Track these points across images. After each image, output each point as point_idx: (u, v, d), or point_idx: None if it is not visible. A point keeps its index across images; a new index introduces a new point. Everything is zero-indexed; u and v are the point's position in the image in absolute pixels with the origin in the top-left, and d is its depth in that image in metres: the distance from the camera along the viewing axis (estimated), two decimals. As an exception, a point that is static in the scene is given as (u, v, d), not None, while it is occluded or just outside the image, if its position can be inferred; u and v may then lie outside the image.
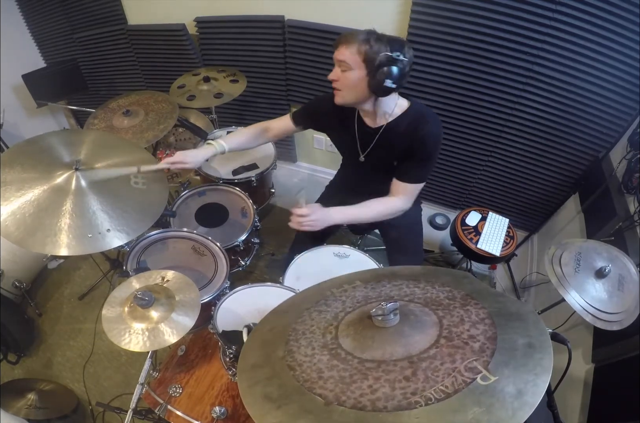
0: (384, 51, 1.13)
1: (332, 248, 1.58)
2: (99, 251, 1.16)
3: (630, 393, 1.13)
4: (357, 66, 1.16)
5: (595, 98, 1.66)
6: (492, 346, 0.59)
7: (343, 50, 1.16)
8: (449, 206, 2.43)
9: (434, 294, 0.76)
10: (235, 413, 1.21)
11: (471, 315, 0.67)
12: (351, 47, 1.14)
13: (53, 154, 1.25)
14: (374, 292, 0.81)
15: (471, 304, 0.71)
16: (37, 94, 2.37)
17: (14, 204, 1.10)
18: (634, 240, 1.39)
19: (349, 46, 1.14)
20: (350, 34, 1.15)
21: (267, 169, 1.97)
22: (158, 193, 1.31)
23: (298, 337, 0.72)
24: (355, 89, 1.21)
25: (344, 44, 1.15)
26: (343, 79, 1.20)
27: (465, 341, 0.61)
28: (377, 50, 1.13)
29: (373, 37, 1.13)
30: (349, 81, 1.19)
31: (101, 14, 2.34)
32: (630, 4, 1.40)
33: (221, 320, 1.26)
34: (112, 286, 2.21)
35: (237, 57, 2.18)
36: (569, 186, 1.99)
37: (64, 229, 1.11)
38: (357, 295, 0.82)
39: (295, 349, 0.69)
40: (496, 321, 0.65)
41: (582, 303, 1.14)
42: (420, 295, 0.76)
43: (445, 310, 0.70)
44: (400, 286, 0.82)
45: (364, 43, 1.13)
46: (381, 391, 0.56)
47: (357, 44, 1.13)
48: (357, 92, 1.22)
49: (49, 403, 1.71)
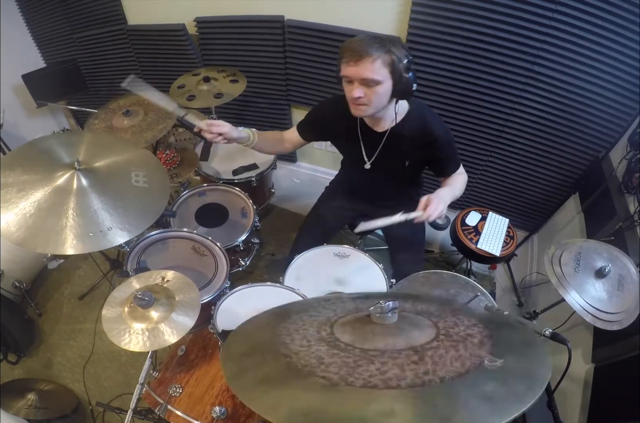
0: (404, 57, 1.08)
1: (332, 248, 1.58)
2: (102, 249, 1.16)
3: (630, 393, 1.13)
4: (386, 78, 1.09)
5: (595, 98, 1.66)
6: (491, 341, 0.60)
7: (368, 66, 1.05)
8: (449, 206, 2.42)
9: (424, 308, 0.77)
10: (236, 413, 1.21)
11: (464, 320, 0.68)
12: (377, 62, 1.05)
13: (53, 156, 1.25)
14: (365, 304, 0.80)
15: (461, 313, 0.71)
16: (37, 94, 2.37)
17: (15, 206, 1.11)
18: (634, 240, 1.39)
19: (374, 61, 1.05)
20: (363, 46, 1.05)
21: (267, 169, 1.97)
22: (159, 190, 1.31)
23: (290, 332, 0.68)
24: (383, 101, 1.16)
25: (366, 59, 1.04)
26: (373, 95, 1.12)
27: (464, 337, 0.61)
28: (400, 57, 1.07)
29: (390, 44, 1.06)
30: (380, 95, 1.12)
31: (101, 14, 2.34)
32: (630, 4, 1.40)
33: (221, 320, 1.26)
34: (112, 286, 2.21)
35: (237, 57, 2.18)
36: (569, 186, 1.99)
37: (66, 229, 1.11)
38: (348, 306, 0.81)
39: (289, 341, 0.65)
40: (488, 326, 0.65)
41: (582, 303, 1.14)
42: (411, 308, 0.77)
43: (438, 317, 0.70)
44: None
45: (387, 53, 1.05)
46: (391, 372, 0.52)
47: (382, 56, 1.05)
48: (383, 102, 1.17)
49: (49, 403, 1.71)
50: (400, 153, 1.34)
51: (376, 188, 1.56)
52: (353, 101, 1.15)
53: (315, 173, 2.68)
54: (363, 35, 1.09)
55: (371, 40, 1.06)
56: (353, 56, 1.06)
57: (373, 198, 1.65)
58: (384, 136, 1.32)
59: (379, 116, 1.27)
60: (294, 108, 2.39)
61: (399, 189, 1.59)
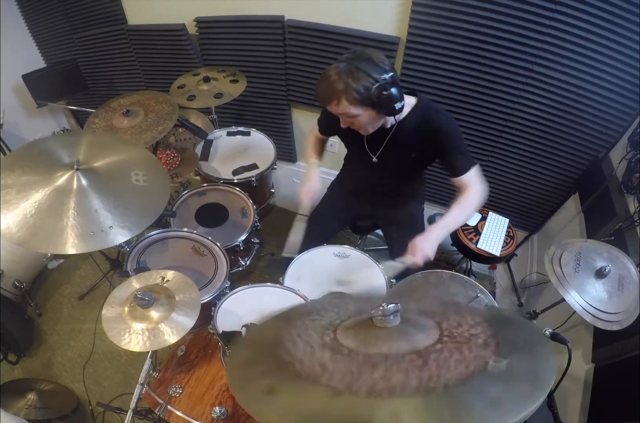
0: (371, 84, 1.06)
1: (332, 248, 1.58)
2: (103, 248, 1.17)
3: (630, 393, 1.13)
4: (361, 110, 1.13)
5: (595, 98, 1.66)
6: (495, 341, 0.59)
7: (338, 107, 1.11)
8: (449, 206, 2.42)
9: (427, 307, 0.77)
10: (235, 413, 1.21)
11: (467, 319, 0.67)
12: (342, 103, 1.09)
13: (52, 157, 1.25)
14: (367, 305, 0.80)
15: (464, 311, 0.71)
16: (37, 94, 2.37)
17: (16, 207, 1.10)
18: (634, 240, 1.39)
19: (339, 103, 1.10)
20: (327, 89, 1.08)
21: (267, 169, 1.97)
22: (159, 189, 1.31)
23: (293, 338, 0.69)
24: (373, 123, 1.22)
25: (332, 102, 1.10)
26: (356, 123, 1.19)
27: (468, 338, 0.61)
28: (365, 88, 1.06)
29: (349, 78, 1.05)
30: (363, 122, 1.19)
31: (101, 14, 2.34)
32: (630, 4, 1.40)
33: (221, 320, 1.26)
34: (112, 286, 2.22)
35: (237, 57, 2.18)
36: (569, 186, 1.99)
37: (66, 229, 1.11)
38: (350, 308, 0.80)
39: (292, 347, 0.65)
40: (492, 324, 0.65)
41: (582, 303, 1.14)
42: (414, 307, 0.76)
43: (441, 316, 0.69)
44: None
45: (347, 92, 1.06)
46: (395, 379, 0.52)
47: (344, 97, 1.08)
48: (376, 123, 1.23)
49: (49, 403, 1.71)
50: (406, 146, 1.35)
51: (380, 183, 1.56)
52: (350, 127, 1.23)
53: (315, 173, 2.67)
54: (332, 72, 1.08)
55: (334, 82, 1.07)
56: (323, 102, 1.15)
57: (375, 196, 1.65)
58: (390, 131, 1.33)
59: None
60: (294, 108, 2.39)
61: (402, 185, 1.59)
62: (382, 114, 1.17)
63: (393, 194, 1.62)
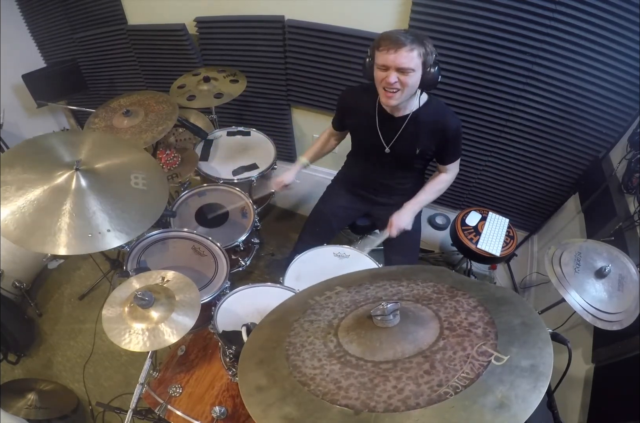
0: (433, 52, 1.20)
1: (332, 248, 1.58)
2: (99, 251, 1.16)
3: (630, 393, 1.13)
4: (418, 68, 1.21)
5: (595, 98, 1.66)
6: (493, 329, 0.61)
7: (406, 55, 1.16)
8: (449, 206, 2.43)
9: (420, 290, 0.77)
10: (235, 413, 1.21)
11: (463, 304, 0.69)
12: (413, 52, 1.17)
13: (53, 155, 1.25)
14: (360, 295, 0.80)
15: (459, 295, 0.72)
16: (37, 94, 2.37)
17: (14, 204, 1.10)
18: (634, 240, 1.39)
19: (411, 50, 1.16)
20: (402, 37, 1.16)
21: (267, 169, 1.97)
22: (158, 193, 1.31)
23: (298, 351, 0.68)
24: (413, 89, 1.27)
25: (404, 48, 1.15)
26: (406, 82, 1.22)
27: (468, 329, 0.62)
28: (431, 51, 1.19)
29: (423, 38, 1.18)
30: (412, 82, 1.23)
31: (101, 14, 2.34)
32: (630, 4, 1.40)
33: (221, 320, 1.26)
34: (112, 286, 2.21)
35: (237, 57, 2.18)
36: (569, 186, 1.99)
37: (63, 229, 1.10)
38: (344, 301, 0.80)
39: (300, 363, 0.65)
40: (487, 307, 0.67)
41: (582, 303, 1.14)
42: (408, 293, 0.76)
43: (437, 303, 0.70)
44: (384, 286, 0.81)
45: (421, 46, 1.17)
46: (408, 389, 0.55)
47: (417, 47, 1.17)
48: (412, 91, 1.28)
49: (49, 403, 1.71)
50: (415, 139, 1.42)
51: (386, 177, 1.60)
52: (388, 86, 1.24)
53: (316, 173, 2.67)
54: (397, 29, 1.20)
55: (407, 33, 1.17)
56: (392, 45, 1.16)
57: (376, 193, 1.67)
58: (404, 121, 1.39)
59: (402, 106, 1.36)
60: (294, 108, 2.39)
61: (404, 181, 1.62)
62: (422, 84, 1.26)
63: (394, 192, 1.64)
